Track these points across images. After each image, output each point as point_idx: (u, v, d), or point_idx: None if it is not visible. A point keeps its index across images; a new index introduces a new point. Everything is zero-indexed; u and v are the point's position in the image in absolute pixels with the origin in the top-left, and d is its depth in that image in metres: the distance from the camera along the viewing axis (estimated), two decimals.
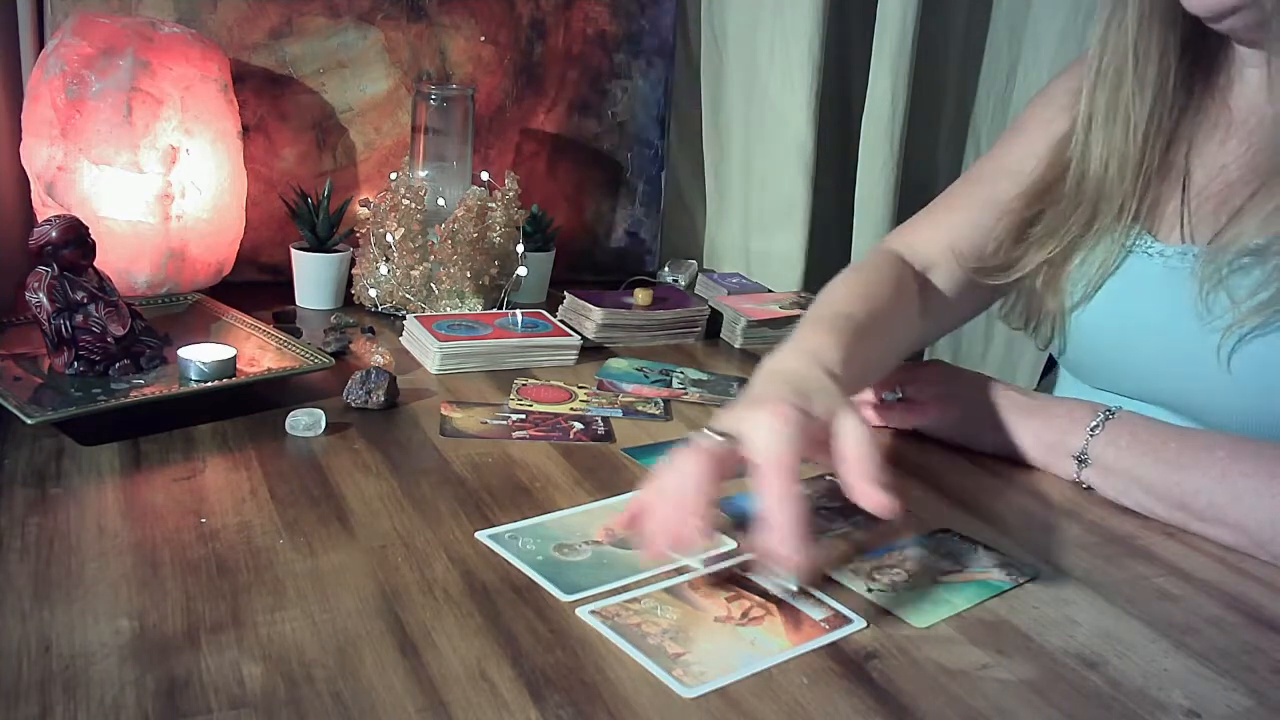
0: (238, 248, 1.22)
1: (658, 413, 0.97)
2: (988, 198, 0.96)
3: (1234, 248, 0.82)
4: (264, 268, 1.29)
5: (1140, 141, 0.88)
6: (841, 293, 0.87)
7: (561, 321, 1.15)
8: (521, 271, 1.21)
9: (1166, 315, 0.86)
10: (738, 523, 0.74)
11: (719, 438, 0.65)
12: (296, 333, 1.06)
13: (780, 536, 0.60)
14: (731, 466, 0.64)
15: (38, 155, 1.08)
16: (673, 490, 0.63)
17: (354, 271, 1.21)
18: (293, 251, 1.21)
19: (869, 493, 0.64)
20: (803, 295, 1.32)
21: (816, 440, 0.66)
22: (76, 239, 0.89)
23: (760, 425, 0.64)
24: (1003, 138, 1.02)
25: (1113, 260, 0.90)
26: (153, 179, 1.09)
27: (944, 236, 0.98)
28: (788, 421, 0.64)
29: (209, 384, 0.88)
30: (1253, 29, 0.81)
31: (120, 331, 0.91)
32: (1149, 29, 0.86)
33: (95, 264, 0.92)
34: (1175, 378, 0.86)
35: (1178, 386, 0.86)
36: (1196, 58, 0.89)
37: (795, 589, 0.66)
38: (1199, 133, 0.90)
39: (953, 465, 0.88)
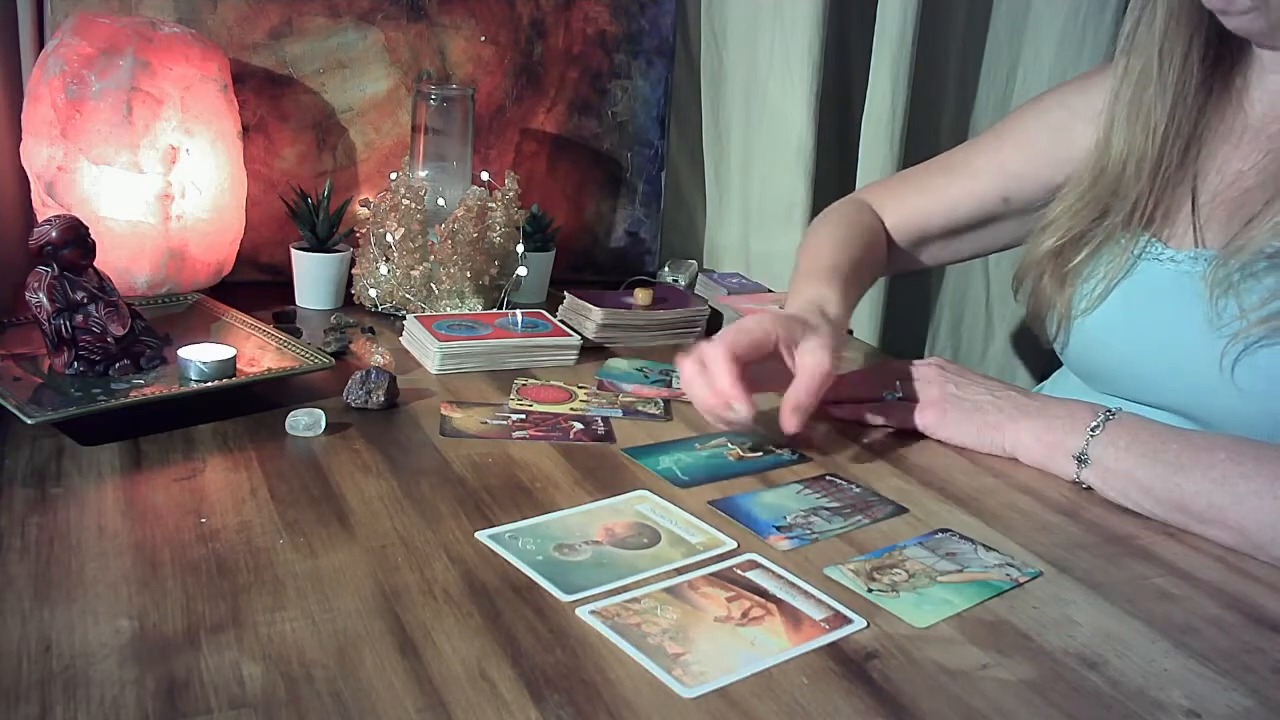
0: (238, 248, 1.22)
1: (658, 413, 0.96)
2: (940, 189, 1.09)
3: (1247, 252, 0.82)
4: (264, 268, 1.29)
5: (1159, 142, 0.89)
6: (831, 245, 1.04)
7: (561, 321, 1.15)
8: (521, 271, 1.21)
9: (1175, 320, 0.86)
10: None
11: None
12: (296, 333, 1.06)
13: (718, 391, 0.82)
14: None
15: (38, 155, 1.08)
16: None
17: (354, 271, 1.21)
18: (293, 251, 1.21)
19: (787, 409, 0.83)
20: None
21: (787, 352, 0.86)
22: (76, 239, 0.89)
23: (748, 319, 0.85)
24: (984, 134, 1.09)
25: (1121, 267, 0.91)
26: (153, 179, 1.09)
27: (900, 211, 1.11)
28: (761, 322, 0.85)
29: (209, 384, 0.88)
30: (1266, 33, 0.81)
31: (120, 331, 0.91)
32: (1175, 30, 0.87)
33: (95, 264, 0.92)
34: (1182, 386, 0.86)
35: (1185, 396, 0.86)
36: (1218, 60, 0.89)
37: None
38: (1215, 135, 0.90)
39: (953, 465, 0.88)
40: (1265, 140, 0.87)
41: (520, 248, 1.21)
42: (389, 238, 1.15)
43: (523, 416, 0.93)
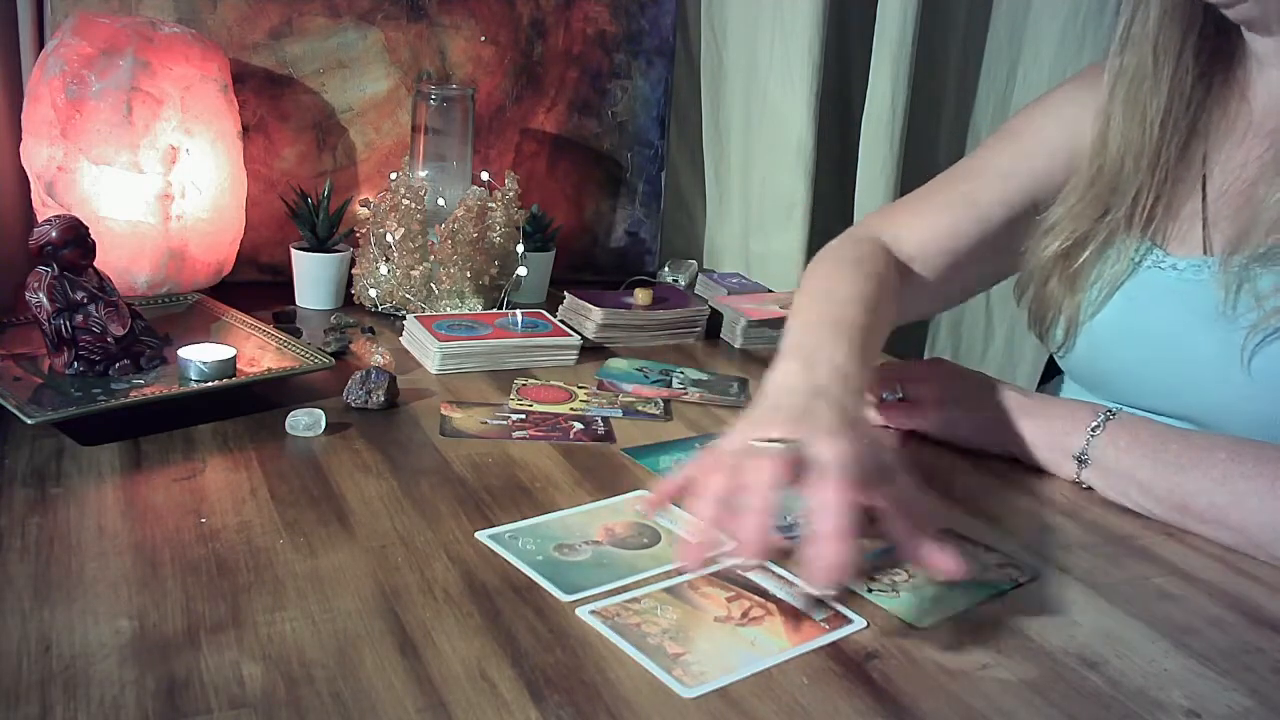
0: (238, 248, 1.22)
1: (658, 413, 0.96)
2: (969, 198, 0.98)
3: (1253, 243, 0.82)
4: (264, 268, 1.29)
5: (1156, 135, 0.89)
6: (850, 297, 0.85)
7: (561, 321, 1.15)
8: (521, 271, 1.21)
9: (1182, 327, 0.86)
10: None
11: (780, 447, 0.63)
12: (296, 333, 1.06)
13: (828, 545, 0.59)
14: (790, 476, 0.62)
15: (38, 155, 1.08)
16: (746, 502, 0.61)
17: (354, 271, 1.21)
18: (293, 251, 1.21)
19: (928, 550, 0.63)
20: None
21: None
22: (76, 239, 0.89)
23: (830, 448, 0.63)
24: (993, 138, 1.03)
25: (1122, 272, 0.90)
26: (153, 179, 1.09)
27: (924, 232, 0.98)
28: (856, 454, 0.63)
29: (209, 384, 0.88)
30: (1268, 21, 0.82)
31: (120, 331, 0.91)
32: (1170, 26, 0.87)
33: (95, 264, 0.92)
34: (1191, 389, 0.86)
35: (1193, 399, 0.86)
36: (1216, 54, 0.89)
37: (832, 593, 0.63)
38: (1218, 130, 0.90)
39: (953, 465, 0.88)
40: (1266, 135, 0.87)
41: (520, 248, 1.21)
42: (389, 238, 1.15)
43: (523, 416, 0.93)
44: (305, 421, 0.86)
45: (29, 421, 0.78)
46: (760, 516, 0.60)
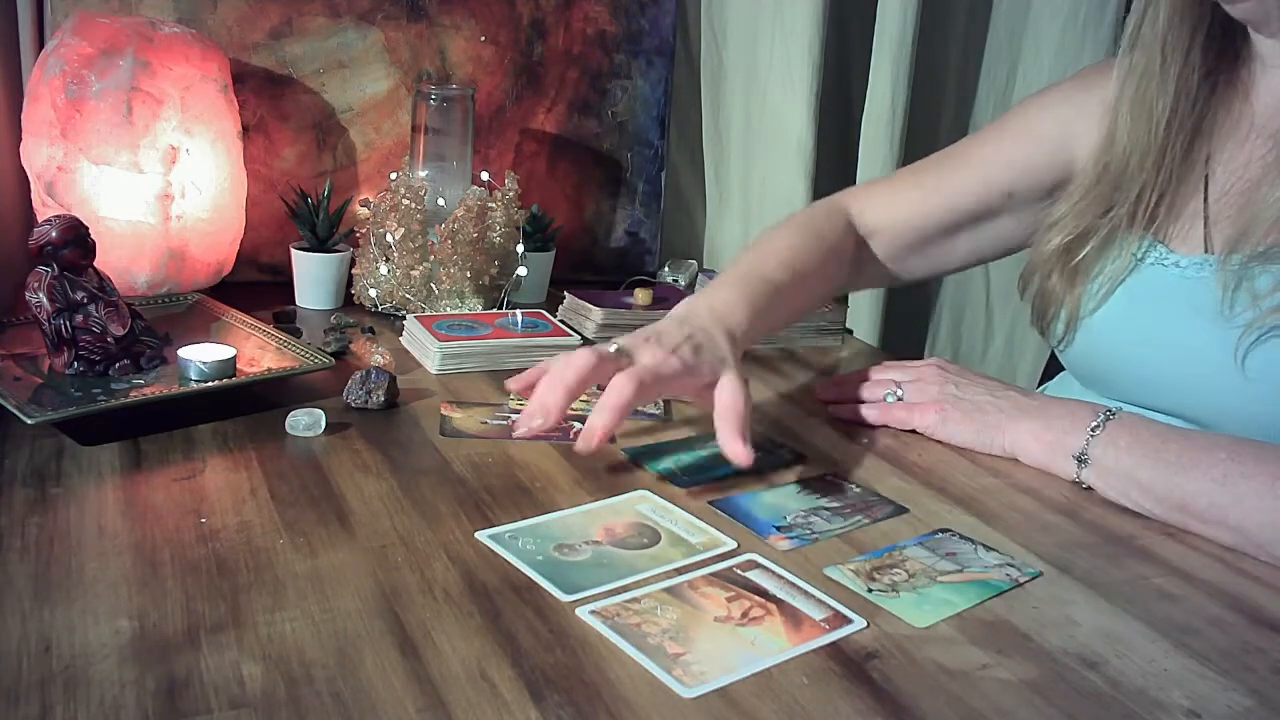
0: (238, 248, 1.22)
1: (658, 412, 0.96)
2: (941, 181, 1.04)
3: (1252, 242, 0.82)
4: (264, 268, 1.29)
5: (1162, 133, 0.89)
6: (775, 251, 0.97)
7: (561, 321, 1.15)
8: (521, 271, 1.21)
9: (1181, 325, 0.86)
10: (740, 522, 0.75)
11: (613, 351, 0.79)
12: (296, 333, 1.06)
13: (597, 415, 0.75)
14: (607, 371, 0.77)
15: (38, 155, 1.08)
16: (557, 374, 0.77)
17: (354, 271, 1.21)
18: (293, 251, 1.21)
19: (730, 440, 0.77)
20: None
21: (696, 386, 0.81)
22: (76, 239, 0.89)
23: (649, 356, 0.79)
24: (986, 128, 1.07)
25: (1124, 268, 0.91)
26: (153, 179, 1.09)
27: (889, 210, 1.05)
28: (669, 366, 0.78)
29: (209, 384, 0.88)
30: (1270, 20, 0.82)
31: (120, 331, 0.91)
32: (1179, 25, 0.88)
33: (95, 264, 0.92)
34: (1189, 388, 0.86)
35: (1191, 398, 0.86)
36: (1222, 55, 0.90)
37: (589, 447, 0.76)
38: (1221, 131, 0.90)
39: (953, 465, 0.88)
40: (1269, 136, 0.87)
41: (520, 248, 1.21)
42: (389, 238, 1.15)
43: None
44: (305, 421, 0.86)
45: (29, 421, 0.78)
46: (564, 387, 0.76)
